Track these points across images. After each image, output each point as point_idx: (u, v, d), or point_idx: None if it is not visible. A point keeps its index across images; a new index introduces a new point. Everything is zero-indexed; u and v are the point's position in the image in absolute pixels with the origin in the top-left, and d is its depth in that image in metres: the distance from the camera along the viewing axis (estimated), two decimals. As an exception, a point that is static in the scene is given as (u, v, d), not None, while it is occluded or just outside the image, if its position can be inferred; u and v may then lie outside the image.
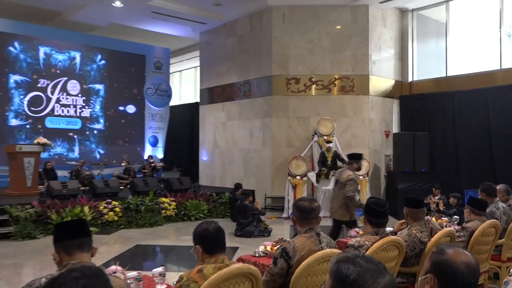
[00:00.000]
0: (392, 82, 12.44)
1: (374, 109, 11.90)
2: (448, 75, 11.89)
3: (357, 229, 5.13)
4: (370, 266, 1.31)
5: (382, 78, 12.11)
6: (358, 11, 11.73)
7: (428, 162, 11.09)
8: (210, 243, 2.58)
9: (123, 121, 14.87)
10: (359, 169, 6.72)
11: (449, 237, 3.93)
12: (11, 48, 12.77)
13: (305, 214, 3.11)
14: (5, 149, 10.40)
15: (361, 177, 10.48)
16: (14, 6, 12.87)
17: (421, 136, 11.12)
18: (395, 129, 12.51)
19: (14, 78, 12.83)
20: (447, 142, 11.45)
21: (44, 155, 10.95)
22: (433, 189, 9.20)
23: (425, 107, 11.96)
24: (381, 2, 11.60)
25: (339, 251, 3.08)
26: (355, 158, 6.45)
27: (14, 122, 12.82)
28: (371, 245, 3.27)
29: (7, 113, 12.69)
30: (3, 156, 10.79)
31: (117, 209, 9.04)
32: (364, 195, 10.23)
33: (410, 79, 12.66)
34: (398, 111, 12.65)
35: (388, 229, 3.85)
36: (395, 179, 11.01)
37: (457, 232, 4.24)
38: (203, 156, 14.56)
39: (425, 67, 12.61)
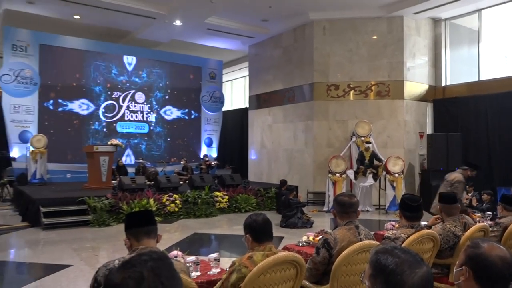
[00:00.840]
0: (426, 86, 11.97)
1: (409, 112, 11.51)
2: (480, 79, 11.30)
3: (393, 223, 4.98)
4: (407, 257, 1.27)
5: (416, 83, 11.69)
6: (394, 22, 11.39)
7: (461, 161, 10.57)
8: (259, 233, 2.58)
9: (182, 124, 15.21)
10: (471, 177, 6.36)
11: (483, 232, 3.73)
12: (91, 63, 13.35)
13: (345, 208, 3.06)
14: (85, 149, 10.88)
15: (396, 174, 10.19)
16: (94, 28, 13.48)
17: (454, 137, 10.62)
18: (429, 130, 12.03)
19: (94, 89, 13.41)
20: (480, 142, 10.87)
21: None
22: (467, 186, 8.78)
23: (458, 110, 11.42)
24: (415, 13, 11.21)
25: (377, 242, 3.00)
26: (472, 166, 6.15)
27: (94, 126, 13.41)
28: (407, 238, 3.16)
29: (87, 120, 13.28)
30: (83, 155, 11.34)
31: (177, 201, 9.23)
32: (400, 191, 9.93)
33: (443, 84, 12.13)
34: (431, 114, 12.15)
35: (423, 223, 3.71)
36: (429, 176, 10.58)
37: (490, 227, 4.02)
38: (252, 155, 14.63)
39: (458, 72, 12.04)
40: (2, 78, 11.60)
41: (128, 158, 13.79)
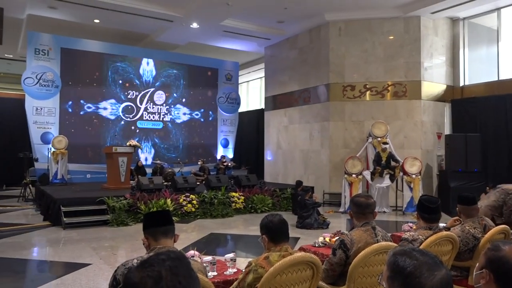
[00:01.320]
0: (444, 87, 11.77)
1: (426, 113, 11.33)
2: (500, 79, 11.05)
3: (410, 224, 4.91)
4: (426, 259, 1.24)
5: (434, 84, 11.50)
6: (410, 22, 11.24)
7: (480, 162, 10.36)
8: (275, 233, 2.57)
9: (199, 125, 15.30)
10: None
11: (503, 234, 3.63)
12: (111, 66, 13.53)
13: (361, 209, 3.02)
14: (104, 150, 11.05)
15: (413, 175, 10.03)
16: (113, 31, 13.67)
17: (473, 137, 10.41)
18: (447, 131, 11.82)
19: (114, 91, 13.59)
20: (500, 143, 10.62)
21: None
22: (487, 187, 8.57)
23: (476, 110, 11.19)
24: (432, 13, 11.03)
25: (394, 244, 2.95)
26: None
27: (113, 127, 13.58)
28: (425, 240, 3.11)
29: (106, 122, 13.47)
30: (103, 156, 11.51)
31: (194, 201, 9.29)
32: (417, 192, 9.77)
33: (461, 84, 11.90)
34: (449, 114, 11.93)
35: (442, 225, 3.64)
36: (447, 177, 10.40)
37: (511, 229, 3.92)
38: (268, 156, 14.62)
39: (477, 72, 11.79)
40: (25, 81, 11.88)
41: (147, 151, 13.92)
